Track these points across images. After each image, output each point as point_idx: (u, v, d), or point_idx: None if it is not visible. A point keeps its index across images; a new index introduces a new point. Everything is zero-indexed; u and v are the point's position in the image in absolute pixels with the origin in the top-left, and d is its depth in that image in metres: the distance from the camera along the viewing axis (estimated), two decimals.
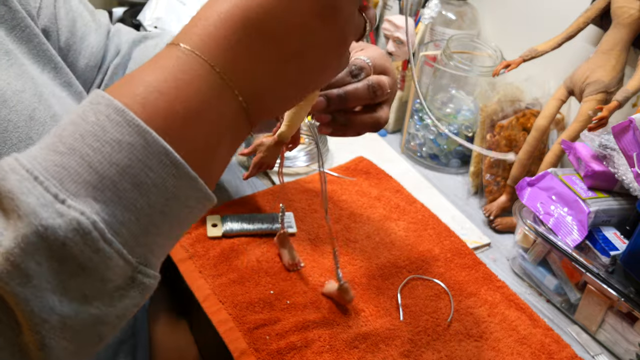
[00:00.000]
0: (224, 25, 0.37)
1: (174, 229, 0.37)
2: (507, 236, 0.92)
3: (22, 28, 0.55)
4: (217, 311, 0.71)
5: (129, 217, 0.33)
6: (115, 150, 0.33)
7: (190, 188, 0.35)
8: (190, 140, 0.36)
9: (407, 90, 1.08)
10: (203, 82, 0.36)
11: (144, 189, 0.34)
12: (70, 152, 0.33)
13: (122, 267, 0.34)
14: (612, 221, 0.77)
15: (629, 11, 0.80)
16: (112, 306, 0.35)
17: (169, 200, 0.35)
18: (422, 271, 0.80)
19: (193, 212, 0.37)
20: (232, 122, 0.38)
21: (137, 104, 0.34)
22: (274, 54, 0.38)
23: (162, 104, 0.35)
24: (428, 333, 0.72)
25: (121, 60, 0.70)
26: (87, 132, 0.33)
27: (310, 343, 0.68)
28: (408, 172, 1.02)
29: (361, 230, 0.85)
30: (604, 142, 0.77)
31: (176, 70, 0.36)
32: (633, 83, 0.77)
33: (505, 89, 0.95)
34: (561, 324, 0.78)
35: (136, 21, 1.17)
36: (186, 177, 0.35)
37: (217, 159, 0.38)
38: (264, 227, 0.82)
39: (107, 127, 0.33)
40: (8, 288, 0.31)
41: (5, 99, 0.49)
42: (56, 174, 0.32)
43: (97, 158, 0.33)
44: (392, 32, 0.97)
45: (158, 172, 0.34)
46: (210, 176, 0.38)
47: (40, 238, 0.31)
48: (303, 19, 0.38)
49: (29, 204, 0.31)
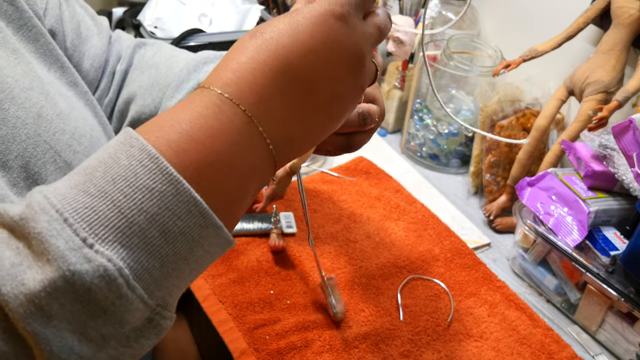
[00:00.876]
0: (262, 75, 0.37)
1: (194, 273, 0.37)
2: (507, 236, 0.92)
3: (29, 27, 0.56)
4: (217, 311, 0.71)
5: (153, 263, 0.34)
6: (146, 198, 0.33)
7: (215, 236, 0.36)
8: (219, 191, 0.36)
9: (407, 90, 1.08)
10: (238, 133, 0.36)
11: (171, 236, 0.34)
12: (101, 195, 0.33)
13: (141, 310, 0.34)
14: (612, 221, 0.77)
15: (629, 11, 0.80)
16: (129, 347, 0.35)
17: (193, 248, 0.35)
18: (422, 271, 0.80)
19: (213, 256, 0.37)
20: (260, 171, 0.38)
21: (170, 151, 0.34)
22: (306, 103, 0.39)
23: (195, 153, 0.35)
24: (428, 333, 0.72)
25: (126, 67, 0.71)
26: (119, 176, 0.33)
27: (310, 343, 0.68)
28: (408, 172, 1.02)
29: (361, 230, 0.85)
30: (604, 142, 0.77)
31: (212, 120, 0.36)
32: (633, 83, 0.77)
33: (505, 89, 0.95)
34: (561, 324, 0.78)
35: (136, 21, 1.17)
36: (213, 226, 0.35)
37: (242, 204, 0.39)
38: (264, 227, 0.82)
39: (140, 173, 0.33)
40: (29, 328, 0.31)
41: (14, 96, 0.49)
42: (86, 216, 0.33)
43: (128, 204, 0.33)
44: (392, 32, 0.97)
45: (186, 221, 0.34)
46: (234, 222, 0.38)
47: (67, 283, 0.31)
48: (336, 69, 0.39)
49: (58, 247, 0.31)
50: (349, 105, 0.42)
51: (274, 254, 0.79)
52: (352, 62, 0.40)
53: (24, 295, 0.31)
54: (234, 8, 1.22)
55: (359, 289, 0.76)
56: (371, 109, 0.59)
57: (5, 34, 0.53)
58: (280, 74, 0.37)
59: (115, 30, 0.74)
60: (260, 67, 0.37)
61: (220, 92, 0.37)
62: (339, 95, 0.40)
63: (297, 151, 0.41)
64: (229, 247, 0.38)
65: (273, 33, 0.38)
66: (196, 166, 0.35)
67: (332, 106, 0.40)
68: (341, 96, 0.40)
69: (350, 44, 0.39)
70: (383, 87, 1.10)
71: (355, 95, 0.42)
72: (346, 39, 0.39)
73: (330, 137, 0.59)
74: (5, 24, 0.54)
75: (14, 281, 0.32)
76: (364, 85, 0.42)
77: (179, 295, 0.38)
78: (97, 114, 0.60)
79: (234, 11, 1.22)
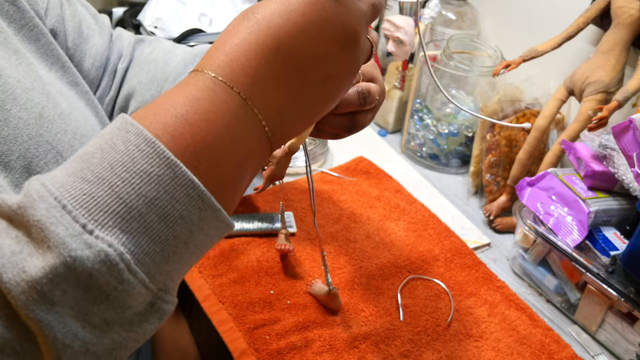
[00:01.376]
0: (255, 56, 0.37)
1: (194, 256, 0.37)
2: (507, 236, 0.92)
3: (30, 27, 0.56)
4: (217, 311, 0.71)
5: (154, 248, 0.34)
6: (144, 182, 0.33)
7: (214, 219, 0.36)
8: (217, 174, 0.36)
9: (407, 90, 1.08)
10: (233, 115, 0.36)
11: (171, 220, 0.34)
12: (98, 182, 0.33)
13: (143, 294, 0.34)
14: (612, 221, 0.77)
15: (629, 11, 0.80)
16: (132, 331, 0.35)
17: (193, 232, 0.35)
18: (422, 271, 0.80)
19: (213, 239, 0.37)
20: (257, 153, 0.39)
21: (167, 135, 0.34)
22: (299, 83, 0.38)
23: (191, 136, 0.35)
24: (428, 333, 0.72)
25: (127, 64, 0.71)
26: (116, 162, 0.33)
27: (310, 343, 0.68)
28: (408, 172, 1.02)
29: (361, 230, 0.85)
30: (604, 142, 0.77)
31: (207, 103, 0.36)
32: (633, 83, 0.77)
33: (505, 89, 0.95)
34: (561, 324, 0.78)
35: (136, 21, 1.17)
36: (211, 209, 0.35)
37: (240, 187, 0.39)
38: (264, 227, 0.82)
39: (137, 157, 0.33)
40: (32, 315, 0.31)
41: (15, 97, 0.49)
42: (85, 203, 0.33)
43: (126, 189, 0.33)
44: (392, 32, 0.97)
45: (185, 205, 0.34)
46: (232, 205, 0.38)
47: (68, 269, 0.31)
48: (328, 48, 0.38)
49: (58, 234, 0.31)
50: (344, 84, 0.42)
51: (280, 256, 0.79)
52: (345, 42, 0.39)
53: (25, 282, 0.31)
54: (234, 8, 1.22)
55: (359, 289, 0.76)
56: (371, 87, 0.59)
57: (6, 34, 0.53)
58: (273, 54, 0.37)
59: (116, 28, 0.74)
60: (253, 49, 0.37)
61: (213, 75, 0.37)
62: (333, 74, 0.40)
63: (292, 132, 0.41)
64: (228, 231, 0.38)
65: (265, 13, 0.38)
66: (193, 149, 0.35)
67: (326, 85, 0.40)
68: (335, 75, 0.40)
69: (343, 23, 0.39)
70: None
71: (350, 74, 0.41)
72: (338, 17, 0.38)
73: (334, 119, 0.59)
74: (7, 24, 0.54)
75: (15, 269, 0.32)
76: (359, 63, 0.42)
77: (179, 280, 0.38)
78: (98, 114, 0.60)
79: (234, 11, 1.22)
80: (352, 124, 0.60)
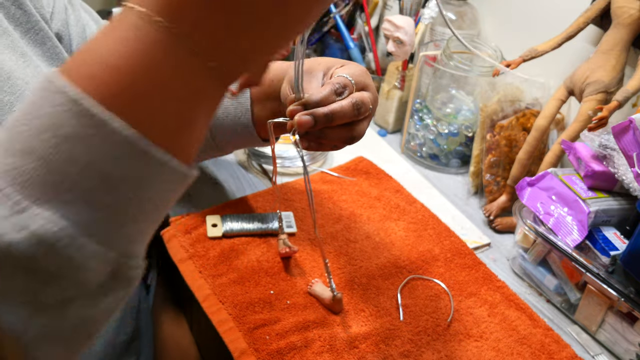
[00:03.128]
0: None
1: (155, 213, 0.34)
2: (507, 236, 0.92)
3: (36, 31, 0.56)
4: (217, 311, 0.71)
5: (99, 215, 0.31)
6: (75, 147, 0.30)
7: (164, 172, 0.33)
8: (159, 122, 0.32)
9: (407, 90, 1.08)
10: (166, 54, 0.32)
11: (112, 184, 0.31)
12: (27, 152, 0.30)
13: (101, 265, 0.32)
14: (612, 221, 0.77)
15: (629, 11, 0.80)
16: (96, 305, 0.33)
17: (143, 189, 0.32)
18: (422, 271, 0.80)
19: (172, 192, 0.34)
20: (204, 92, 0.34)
21: (94, 88, 0.31)
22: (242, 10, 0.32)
23: (122, 85, 0.31)
24: (428, 333, 0.72)
25: None
26: (43, 127, 0.30)
27: (310, 343, 0.68)
28: (408, 172, 1.02)
29: (361, 230, 0.85)
30: (604, 142, 0.77)
31: (135, 42, 0.31)
32: (633, 83, 0.77)
33: (505, 89, 0.95)
34: (561, 324, 0.78)
35: None
36: (157, 162, 0.32)
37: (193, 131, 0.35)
38: (264, 227, 0.82)
39: (63, 119, 0.30)
40: None
41: (25, 98, 0.49)
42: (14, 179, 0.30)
43: (56, 157, 0.30)
44: (392, 32, 0.97)
45: (125, 163, 0.31)
46: (187, 151, 0.35)
47: (4, 255, 0.29)
48: None
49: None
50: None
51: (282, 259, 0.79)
52: None
53: None
54: None
55: (359, 289, 0.76)
56: (364, 96, 0.59)
57: (13, 37, 0.53)
58: None
59: None
60: None
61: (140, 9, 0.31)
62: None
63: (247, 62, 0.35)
64: (187, 180, 0.34)
65: None
66: (125, 99, 0.31)
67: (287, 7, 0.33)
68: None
69: None
70: (383, 87, 1.10)
71: None
72: None
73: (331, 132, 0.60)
74: (13, 27, 0.54)
75: None
76: None
77: (146, 238, 0.35)
78: None
79: None
80: (352, 135, 0.60)
